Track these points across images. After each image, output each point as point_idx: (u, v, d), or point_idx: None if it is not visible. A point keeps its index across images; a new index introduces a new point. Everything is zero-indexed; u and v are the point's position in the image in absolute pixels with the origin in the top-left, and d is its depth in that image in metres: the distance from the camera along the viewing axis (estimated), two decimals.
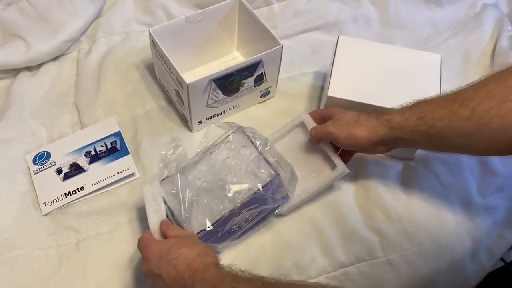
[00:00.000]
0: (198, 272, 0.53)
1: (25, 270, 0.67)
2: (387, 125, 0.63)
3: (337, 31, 0.96)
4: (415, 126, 0.61)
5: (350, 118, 0.67)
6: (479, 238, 0.73)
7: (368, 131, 0.64)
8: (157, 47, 0.76)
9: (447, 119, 0.58)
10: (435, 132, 0.60)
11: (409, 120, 0.61)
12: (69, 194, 0.74)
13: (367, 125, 0.65)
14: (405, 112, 0.62)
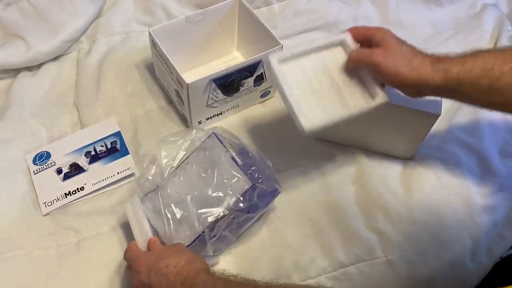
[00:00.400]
0: (189, 279, 0.52)
1: (25, 270, 0.67)
2: (443, 75, 0.56)
3: (337, 31, 0.96)
4: (477, 79, 0.55)
5: (404, 53, 0.59)
6: (479, 238, 0.73)
7: (419, 77, 0.57)
8: (157, 47, 0.76)
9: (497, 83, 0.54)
10: (500, 87, 0.55)
11: (472, 72, 0.55)
12: (69, 194, 0.74)
13: (420, 69, 0.57)
14: (466, 62, 0.56)
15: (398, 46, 0.60)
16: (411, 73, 0.57)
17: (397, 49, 0.59)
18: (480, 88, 0.55)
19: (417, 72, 0.57)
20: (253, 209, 0.66)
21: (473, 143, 0.81)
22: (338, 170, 0.78)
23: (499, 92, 0.55)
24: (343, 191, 0.76)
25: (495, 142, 0.81)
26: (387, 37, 0.61)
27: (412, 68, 0.57)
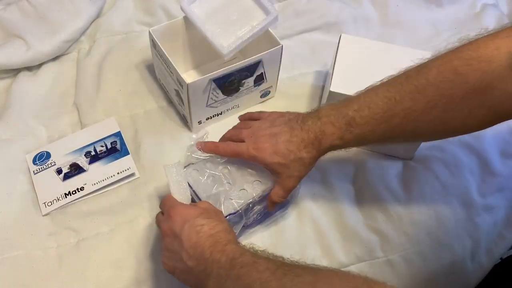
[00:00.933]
0: (219, 244, 0.52)
1: (25, 270, 0.67)
2: (329, 150, 0.62)
3: (337, 31, 0.96)
4: (356, 144, 0.62)
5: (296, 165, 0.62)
6: (479, 238, 0.73)
7: (315, 163, 0.63)
8: (157, 47, 0.76)
9: (390, 133, 0.58)
10: (376, 143, 0.61)
11: (351, 143, 0.60)
12: (69, 194, 0.74)
13: (313, 160, 0.62)
14: (344, 135, 0.59)
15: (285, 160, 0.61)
16: (311, 166, 0.63)
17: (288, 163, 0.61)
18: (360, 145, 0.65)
19: (314, 162, 0.63)
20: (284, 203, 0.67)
21: (473, 143, 0.81)
22: (338, 170, 0.78)
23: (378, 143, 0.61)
24: (343, 191, 0.76)
25: (495, 143, 0.81)
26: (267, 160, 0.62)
27: (310, 164, 0.62)
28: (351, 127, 0.59)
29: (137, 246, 0.70)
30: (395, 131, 0.57)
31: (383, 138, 0.59)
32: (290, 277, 0.46)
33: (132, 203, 0.74)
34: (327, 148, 0.61)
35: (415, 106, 0.55)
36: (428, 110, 0.55)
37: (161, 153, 0.79)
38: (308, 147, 0.60)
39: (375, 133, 0.58)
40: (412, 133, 0.58)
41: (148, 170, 0.77)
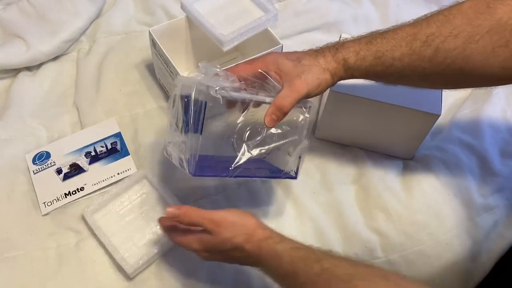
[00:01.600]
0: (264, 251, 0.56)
1: (25, 270, 0.67)
2: (344, 65, 0.59)
3: (337, 31, 0.96)
4: (371, 66, 0.58)
5: (311, 66, 0.59)
6: (479, 238, 0.73)
7: (331, 74, 0.60)
8: (157, 47, 0.76)
9: (408, 58, 0.56)
10: (393, 72, 0.58)
11: (366, 60, 0.58)
12: (69, 194, 0.74)
13: (328, 67, 0.59)
14: (361, 50, 0.58)
15: (300, 65, 0.59)
16: (326, 75, 0.59)
17: (303, 68, 0.59)
18: (377, 73, 0.59)
19: (328, 70, 0.59)
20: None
21: (473, 143, 0.81)
22: (338, 170, 0.78)
23: (395, 76, 0.58)
24: (343, 191, 0.76)
25: (495, 142, 0.81)
26: (283, 63, 0.59)
27: (324, 70, 0.59)
28: (370, 44, 0.58)
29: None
30: (413, 57, 0.55)
31: (400, 64, 0.56)
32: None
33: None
34: (342, 61, 0.59)
35: (439, 32, 0.54)
36: (452, 38, 0.53)
37: (161, 153, 0.79)
38: (324, 52, 0.60)
39: (393, 55, 0.56)
40: (430, 63, 0.55)
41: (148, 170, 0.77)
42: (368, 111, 0.73)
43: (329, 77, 0.59)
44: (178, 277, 0.67)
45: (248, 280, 0.68)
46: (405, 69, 0.56)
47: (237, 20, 0.76)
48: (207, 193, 0.75)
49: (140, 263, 0.66)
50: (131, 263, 0.66)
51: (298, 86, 0.58)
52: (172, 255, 0.69)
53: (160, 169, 0.77)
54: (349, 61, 0.59)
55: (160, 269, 0.68)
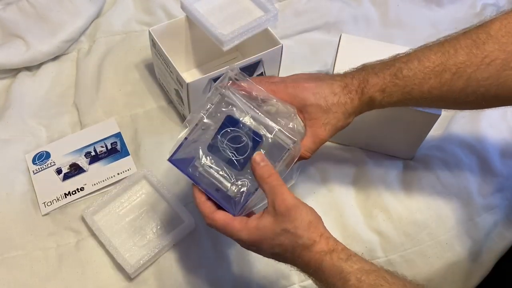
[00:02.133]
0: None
1: (25, 270, 0.67)
2: (368, 104, 0.57)
3: (337, 31, 0.96)
4: (399, 101, 0.55)
5: (337, 110, 0.56)
6: (479, 238, 0.73)
7: (355, 115, 0.58)
8: (157, 47, 0.76)
9: (437, 91, 0.53)
10: (422, 103, 0.55)
11: (393, 96, 0.55)
12: (68, 194, 0.74)
13: (354, 110, 0.57)
14: (387, 87, 0.55)
15: (325, 108, 0.55)
16: (347, 117, 0.57)
17: (327, 112, 0.56)
18: (405, 105, 0.57)
19: (354, 113, 0.57)
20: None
21: (473, 143, 0.81)
22: (338, 170, 0.78)
23: (423, 105, 0.59)
24: (343, 191, 0.76)
25: (495, 142, 0.81)
26: (309, 101, 0.56)
27: (350, 114, 0.57)
28: (397, 79, 0.54)
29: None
30: (443, 89, 0.52)
31: (429, 96, 0.54)
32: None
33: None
34: (367, 100, 0.56)
35: (470, 61, 0.51)
36: (484, 67, 0.50)
37: (161, 153, 0.79)
38: (351, 93, 0.56)
39: (422, 89, 0.53)
40: (462, 93, 0.52)
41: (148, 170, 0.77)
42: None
43: (351, 119, 0.58)
44: (178, 277, 0.67)
45: (248, 280, 0.68)
46: (435, 101, 0.54)
47: (237, 20, 0.76)
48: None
49: (141, 263, 0.66)
50: (132, 263, 0.66)
51: (321, 135, 0.56)
52: (172, 255, 0.69)
53: (160, 169, 0.77)
54: (376, 99, 0.56)
55: (160, 269, 0.68)
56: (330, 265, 0.49)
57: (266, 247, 0.52)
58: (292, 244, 0.50)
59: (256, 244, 0.52)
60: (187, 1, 0.77)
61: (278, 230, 0.50)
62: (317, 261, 0.49)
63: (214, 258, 0.69)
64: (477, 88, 0.51)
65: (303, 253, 0.50)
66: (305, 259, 0.50)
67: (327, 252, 0.49)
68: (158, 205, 0.73)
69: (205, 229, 0.71)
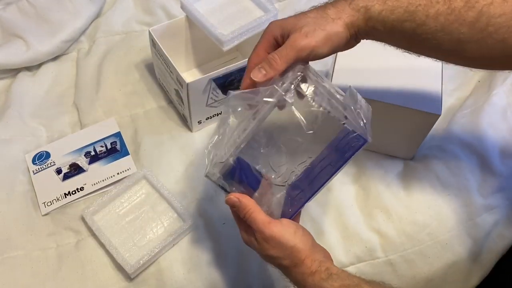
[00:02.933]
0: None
1: (25, 271, 0.67)
2: (364, 14, 0.50)
3: None
4: (400, 22, 0.49)
5: (317, 16, 0.50)
6: (479, 238, 0.73)
7: (345, 24, 0.49)
8: (157, 47, 0.76)
9: (444, 18, 0.47)
10: (423, 32, 0.49)
11: (394, 12, 0.49)
12: (68, 194, 0.74)
13: (341, 16, 0.49)
14: (388, 0, 0.49)
15: (303, 19, 0.50)
16: (337, 25, 0.49)
17: (306, 21, 0.50)
18: (404, 32, 0.50)
19: (340, 20, 0.49)
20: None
21: (473, 143, 0.81)
22: None
23: (424, 38, 0.50)
24: (343, 191, 0.76)
25: (496, 142, 0.81)
26: (284, 23, 0.51)
27: (333, 21, 0.49)
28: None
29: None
30: (450, 18, 0.48)
31: (434, 24, 0.48)
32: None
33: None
34: (362, 7, 0.49)
35: None
36: (499, 2, 0.46)
37: (161, 153, 0.79)
38: (337, 2, 0.50)
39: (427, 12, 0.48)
40: (470, 29, 0.47)
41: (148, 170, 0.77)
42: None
43: (341, 29, 0.49)
44: (178, 277, 0.67)
45: (248, 280, 0.68)
46: (438, 31, 0.48)
47: (237, 20, 0.76)
48: (207, 193, 0.75)
49: (141, 263, 0.66)
50: (132, 263, 0.66)
51: (294, 38, 0.48)
52: (172, 255, 0.69)
53: (160, 169, 0.77)
54: (373, 9, 0.49)
55: (160, 269, 0.68)
56: (312, 285, 0.51)
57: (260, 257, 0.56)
58: (277, 265, 0.55)
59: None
60: (187, 1, 0.77)
61: (263, 254, 0.55)
62: (301, 281, 0.53)
63: (214, 258, 0.69)
64: (486, 26, 0.47)
65: (288, 271, 0.54)
66: (291, 277, 0.54)
67: (309, 274, 0.52)
68: (158, 205, 0.73)
69: (205, 229, 0.71)
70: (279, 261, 0.54)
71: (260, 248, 0.54)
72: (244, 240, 0.57)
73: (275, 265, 0.55)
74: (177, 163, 0.78)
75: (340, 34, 0.50)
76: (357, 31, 0.51)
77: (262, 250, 0.54)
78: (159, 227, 0.71)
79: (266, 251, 0.53)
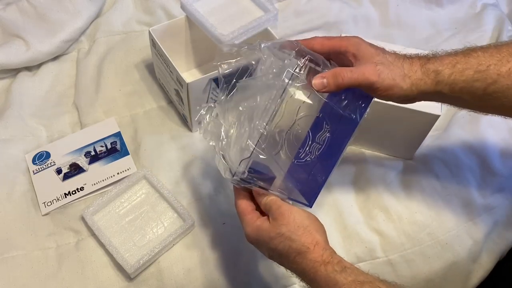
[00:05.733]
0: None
1: (25, 271, 0.67)
2: (434, 79, 0.51)
3: (337, 31, 0.96)
4: (470, 82, 0.50)
5: (391, 62, 0.51)
6: (479, 238, 0.73)
7: (412, 84, 0.51)
8: (157, 47, 0.76)
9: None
10: (493, 91, 0.49)
11: (464, 74, 0.49)
12: (68, 194, 0.74)
13: (411, 75, 0.51)
14: (458, 63, 0.50)
15: (382, 56, 0.53)
16: (404, 82, 0.52)
17: (384, 60, 0.52)
18: (474, 92, 0.51)
19: (410, 79, 0.52)
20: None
21: (473, 143, 0.81)
22: (338, 170, 0.78)
23: (494, 96, 0.50)
24: (343, 191, 0.76)
25: (495, 142, 0.81)
26: (364, 48, 0.53)
27: (405, 76, 0.52)
28: (469, 57, 0.50)
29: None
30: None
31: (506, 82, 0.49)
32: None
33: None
34: (433, 71, 0.50)
35: None
36: None
37: (161, 153, 0.79)
38: (413, 59, 0.52)
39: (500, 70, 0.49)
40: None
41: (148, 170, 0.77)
42: (368, 111, 0.72)
43: (406, 86, 0.51)
44: (178, 277, 0.67)
45: (248, 280, 0.68)
46: (510, 88, 0.49)
47: (237, 20, 0.76)
48: (207, 192, 0.75)
49: (141, 263, 0.66)
50: (132, 263, 0.66)
51: (368, 69, 0.51)
52: (172, 255, 0.69)
53: (160, 169, 0.77)
54: (443, 73, 0.51)
55: (160, 269, 0.68)
56: (324, 276, 0.49)
57: (263, 249, 0.54)
58: (286, 248, 0.51)
59: (254, 243, 0.54)
60: (187, 1, 0.77)
61: (273, 234, 0.51)
62: (311, 270, 0.49)
63: (214, 258, 0.69)
64: None
65: (297, 259, 0.50)
66: (300, 266, 0.51)
67: (321, 263, 0.49)
68: (158, 205, 0.73)
69: (205, 229, 0.71)
70: (289, 244, 0.50)
71: (271, 228, 0.51)
72: (253, 227, 0.53)
73: (283, 252, 0.51)
74: (177, 163, 0.78)
75: (402, 89, 0.52)
76: (420, 93, 0.52)
77: (274, 229, 0.51)
78: (159, 227, 0.71)
79: (279, 228, 0.50)
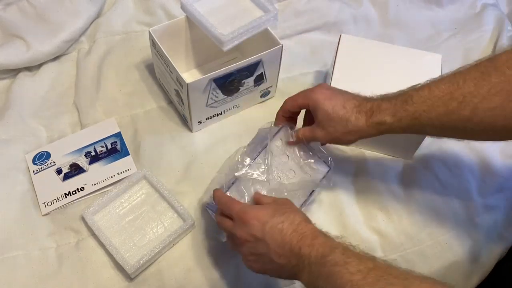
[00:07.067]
0: (307, 238, 0.52)
1: (25, 270, 0.67)
2: (377, 129, 0.60)
3: (337, 31, 0.96)
4: (408, 127, 0.58)
5: (338, 122, 0.61)
6: (479, 238, 0.73)
7: (358, 135, 0.62)
8: (157, 47, 0.76)
9: (445, 118, 0.55)
10: (431, 129, 0.58)
11: (402, 122, 0.58)
12: (69, 194, 0.74)
13: (357, 130, 0.61)
14: (397, 112, 0.58)
15: (332, 112, 0.62)
16: (350, 135, 0.62)
17: (333, 116, 0.61)
18: (415, 131, 0.60)
19: (356, 133, 0.61)
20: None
21: (473, 143, 0.81)
22: (338, 170, 0.78)
23: (431, 133, 0.60)
24: (343, 191, 0.76)
25: (495, 143, 0.81)
26: (319, 104, 0.63)
27: (350, 131, 0.61)
28: (407, 105, 0.58)
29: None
30: (451, 117, 0.55)
31: (438, 123, 0.56)
32: (382, 285, 0.45)
33: None
34: (377, 124, 0.60)
35: (477, 91, 0.53)
36: (490, 97, 0.52)
37: (161, 153, 0.79)
38: (360, 114, 0.61)
39: (430, 115, 0.56)
40: (469, 122, 0.54)
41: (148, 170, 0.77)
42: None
43: (353, 138, 0.62)
44: (178, 277, 0.67)
45: (248, 280, 0.68)
46: (445, 127, 0.56)
47: (237, 20, 0.76)
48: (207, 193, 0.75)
49: (141, 263, 0.66)
50: (132, 263, 0.66)
51: (316, 133, 0.64)
52: (172, 255, 0.69)
53: (160, 169, 0.77)
54: (386, 122, 0.59)
55: (160, 269, 0.68)
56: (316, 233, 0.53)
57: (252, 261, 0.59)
58: (292, 217, 0.55)
59: (260, 236, 0.56)
60: (187, 1, 0.77)
61: (270, 211, 0.56)
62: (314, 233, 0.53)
63: (214, 258, 0.69)
64: (483, 118, 0.53)
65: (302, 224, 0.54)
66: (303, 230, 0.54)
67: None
68: (158, 205, 0.73)
69: (205, 229, 0.71)
70: (293, 215, 0.55)
71: (263, 207, 0.56)
72: (242, 237, 0.56)
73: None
74: (177, 163, 0.78)
75: (348, 140, 0.63)
76: (364, 137, 0.62)
77: (265, 217, 0.54)
78: (159, 227, 0.71)
79: (270, 206, 0.56)
